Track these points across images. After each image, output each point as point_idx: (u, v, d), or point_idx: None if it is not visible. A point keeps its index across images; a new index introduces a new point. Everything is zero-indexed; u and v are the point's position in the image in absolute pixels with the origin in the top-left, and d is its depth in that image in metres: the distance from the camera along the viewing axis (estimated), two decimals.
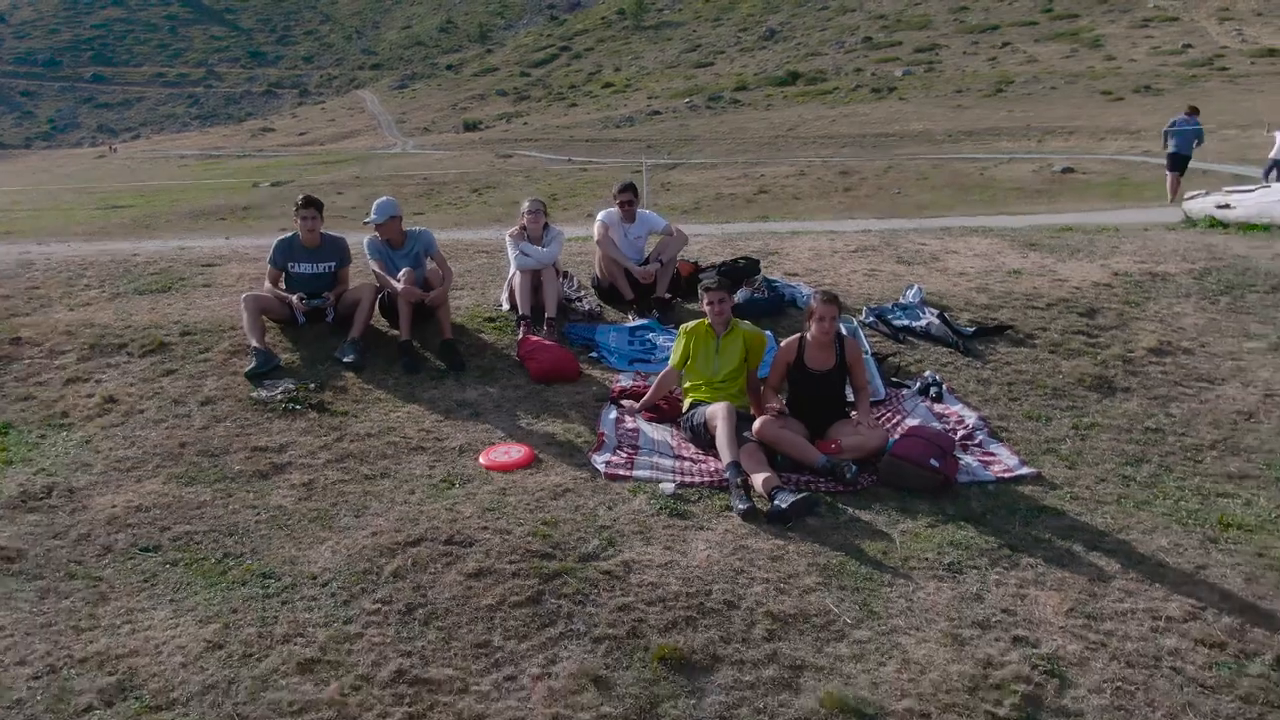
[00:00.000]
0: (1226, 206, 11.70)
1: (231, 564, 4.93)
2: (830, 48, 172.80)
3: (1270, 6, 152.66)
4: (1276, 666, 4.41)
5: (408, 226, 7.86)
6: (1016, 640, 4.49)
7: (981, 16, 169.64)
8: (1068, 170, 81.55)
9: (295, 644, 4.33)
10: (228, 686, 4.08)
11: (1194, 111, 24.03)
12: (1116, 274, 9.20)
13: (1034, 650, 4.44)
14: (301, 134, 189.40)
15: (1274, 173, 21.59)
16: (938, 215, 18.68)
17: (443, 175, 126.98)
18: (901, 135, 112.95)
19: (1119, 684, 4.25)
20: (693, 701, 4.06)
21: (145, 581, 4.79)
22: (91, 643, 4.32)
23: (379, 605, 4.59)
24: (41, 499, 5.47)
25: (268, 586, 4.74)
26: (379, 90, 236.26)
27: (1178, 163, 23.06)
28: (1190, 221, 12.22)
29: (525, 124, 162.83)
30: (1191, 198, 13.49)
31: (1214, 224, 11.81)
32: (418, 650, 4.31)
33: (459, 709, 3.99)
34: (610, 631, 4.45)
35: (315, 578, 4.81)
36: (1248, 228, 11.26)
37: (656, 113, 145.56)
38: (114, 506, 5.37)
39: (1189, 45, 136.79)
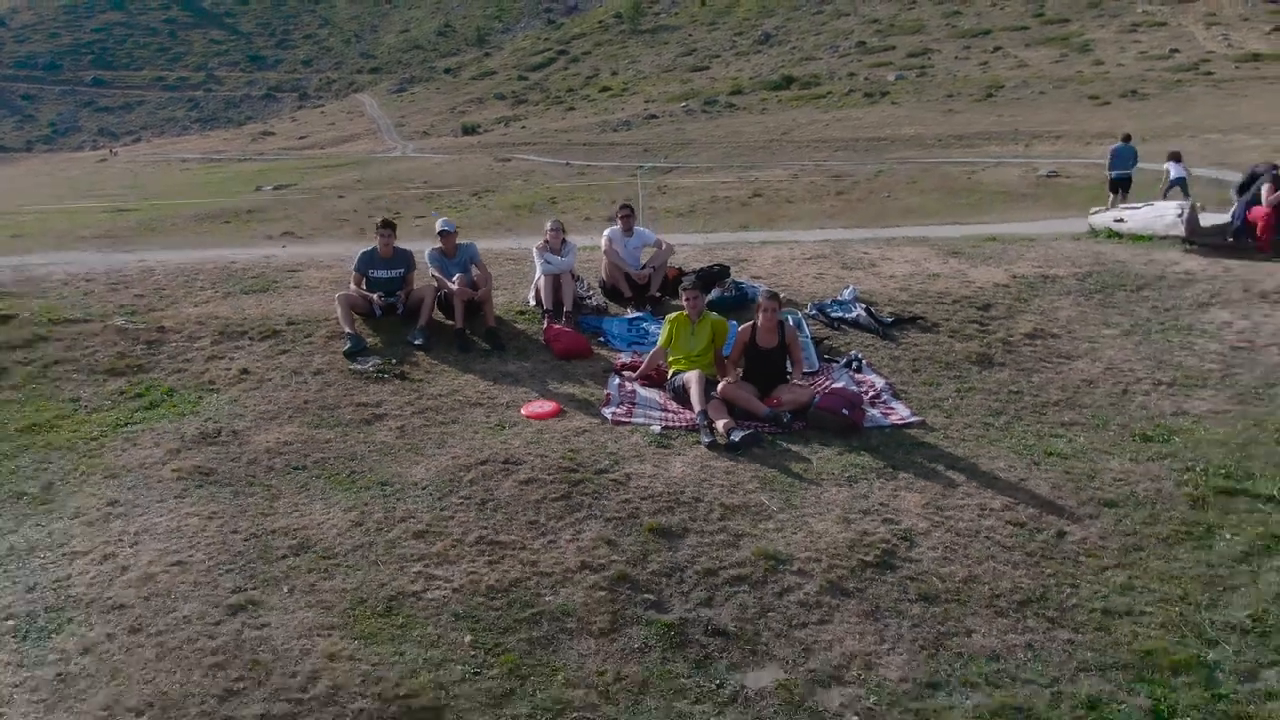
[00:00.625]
0: (1121, 220, 13.92)
1: (357, 477, 7.17)
2: (825, 52, 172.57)
3: (1256, 11, 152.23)
4: (1056, 536, 6.65)
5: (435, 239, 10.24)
6: (885, 521, 6.76)
7: (974, 21, 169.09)
8: (1053, 174, 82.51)
9: (409, 522, 6.57)
10: (369, 546, 6.33)
11: (1127, 139, 26.71)
12: (1015, 276, 11.43)
13: (896, 526, 6.70)
14: (301, 138, 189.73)
15: (1171, 190, 23.89)
16: (895, 225, 20.87)
17: (442, 179, 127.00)
18: (893, 139, 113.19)
19: (948, 545, 6.50)
20: (670, 554, 6.31)
21: (301, 488, 7.02)
22: (276, 522, 6.56)
23: (462, 500, 6.84)
24: (214, 437, 7.69)
25: (385, 490, 6.99)
26: (378, 94, 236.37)
27: (1120, 182, 25.47)
28: (1094, 232, 14.46)
29: (523, 128, 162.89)
30: (1095, 213, 15.77)
31: (1111, 235, 14.03)
32: (490, 525, 6.55)
33: (520, 558, 6.24)
34: (616, 514, 6.71)
35: (417, 484, 7.06)
36: (1135, 238, 13.48)
37: (653, 116, 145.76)
38: (268, 442, 7.61)
39: (1176, 50, 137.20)
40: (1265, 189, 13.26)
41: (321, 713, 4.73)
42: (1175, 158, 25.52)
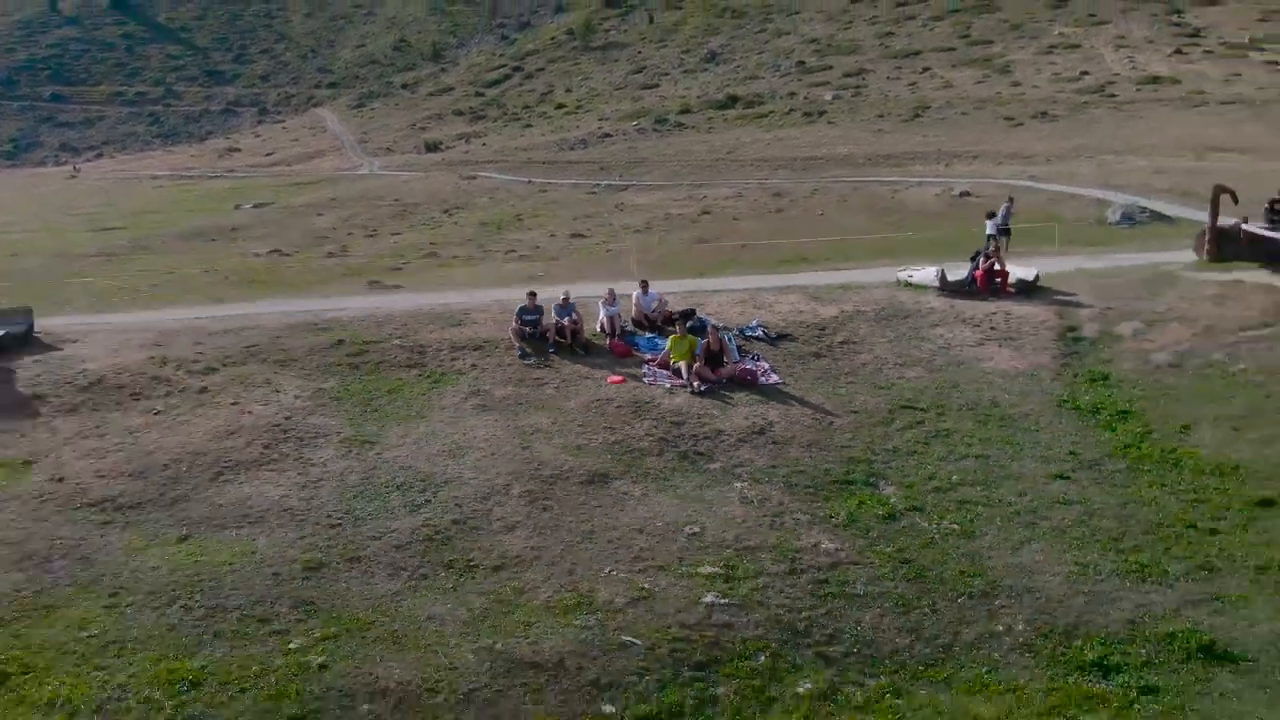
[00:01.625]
0: (910, 277, 23.72)
1: (543, 406, 16.89)
2: (767, 71, 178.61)
3: (1161, 34, 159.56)
4: (830, 425, 16.54)
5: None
6: (763, 418, 16.66)
7: (905, 42, 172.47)
8: (965, 194, 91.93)
9: (568, 422, 16.29)
10: (559, 431, 16.06)
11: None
12: (842, 311, 21.24)
13: (768, 420, 16.57)
14: (268, 154, 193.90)
15: (990, 240, 32.28)
16: (794, 272, 30.84)
17: (412, 197, 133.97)
18: (828, 158, 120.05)
19: (791, 424, 16.37)
20: (678, 429, 16.15)
21: (524, 411, 16.71)
22: (517, 423, 16.28)
23: (593, 415, 16.60)
24: (475, 394, 17.33)
25: (555, 412, 16.71)
26: (338, 109, 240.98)
27: (1001, 235, 33.33)
28: (899, 283, 24.30)
29: (484, 145, 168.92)
30: (902, 269, 25.43)
31: (905, 285, 23.86)
32: (605, 423, 16.33)
33: (621, 432, 16.03)
34: (655, 418, 16.60)
35: (570, 410, 16.81)
36: (916, 287, 23.30)
37: (607, 135, 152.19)
38: (499, 394, 17.27)
39: (1086, 72, 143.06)
40: (988, 251, 23.36)
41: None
42: (991, 215, 34.38)
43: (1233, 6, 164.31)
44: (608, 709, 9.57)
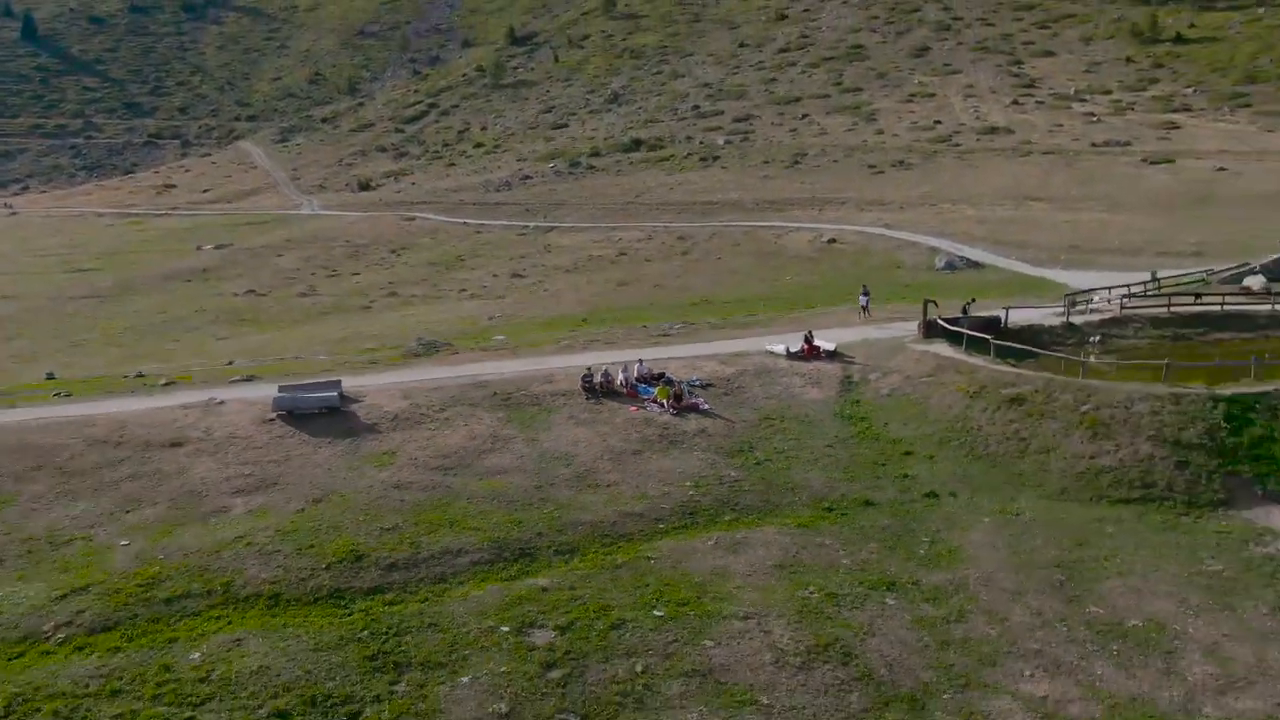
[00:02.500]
0: (771, 349, 42.88)
1: (587, 418, 36.06)
2: (665, 114, 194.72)
3: (1003, 84, 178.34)
4: (729, 426, 36.06)
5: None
6: (696, 427, 36.01)
7: (787, 88, 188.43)
8: (832, 241, 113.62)
9: (612, 438, 35.54)
10: (592, 422, 35.32)
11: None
12: (737, 370, 39.37)
13: (687, 428, 36.05)
14: (205, 190, 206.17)
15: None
16: (710, 342, 50.53)
17: (361, 238, 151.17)
18: (722, 203, 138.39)
19: (710, 428, 35.86)
20: (680, 427, 35.55)
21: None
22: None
23: (630, 427, 35.80)
24: (569, 418, 36.22)
25: (605, 419, 35.90)
26: (261, 143, 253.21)
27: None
28: (767, 353, 43.35)
29: (414, 184, 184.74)
30: (768, 345, 44.60)
31: (769, 354, 42.64)
32: (630, 438, 35.53)
33: (637, 435, 35.31)
34: (652, 426, 35.82)
35: (615, 424, 36.03)
36: (775, 355, 42.10)
37: (528, 177, 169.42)
38: (584, 418, 36.22)
39: (939, 121, 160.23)
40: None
41: None
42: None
43: (1064, 58, 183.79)
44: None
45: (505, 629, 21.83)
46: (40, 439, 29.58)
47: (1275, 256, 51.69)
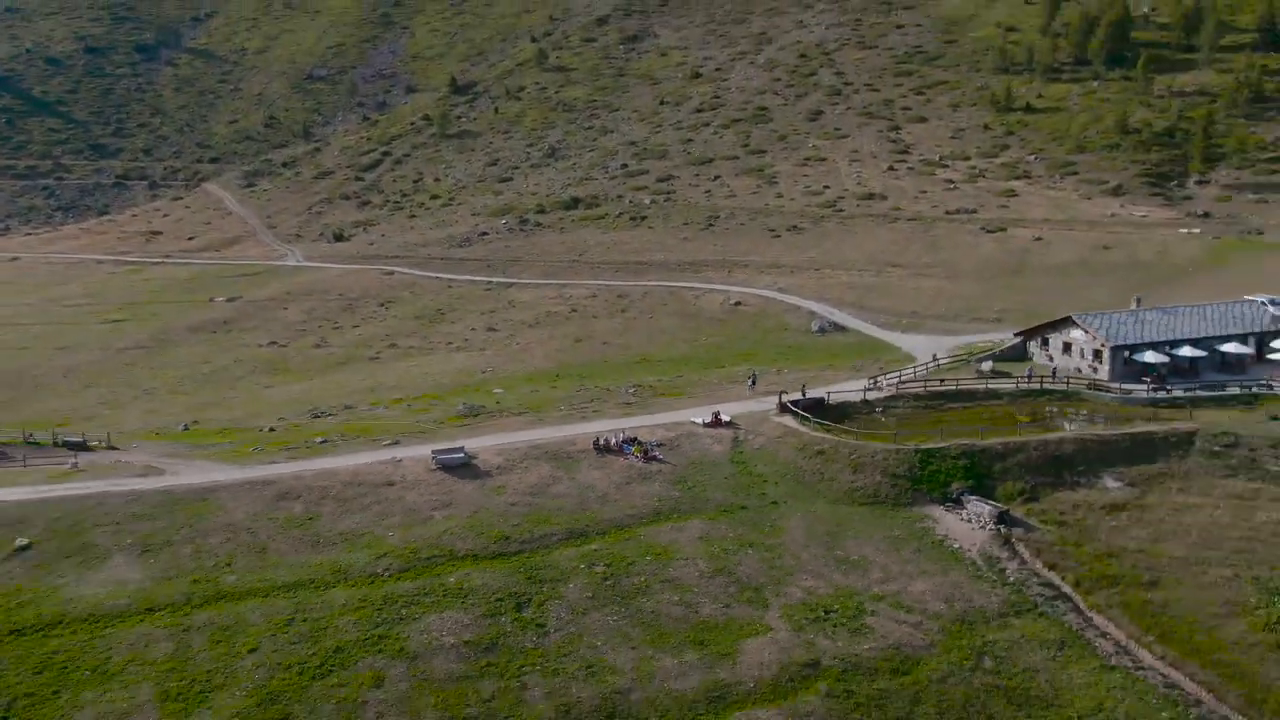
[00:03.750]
0: (693, 419, 73.35)
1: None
2: (598, 171, 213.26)
3: (882, 148, 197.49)
4: (681, 468, 67.20)
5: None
6: (658, 466, 67.15)
7: (701, 148, 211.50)
8: (738, 304, 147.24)
9: (614, 476, 66.35)
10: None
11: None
12: (674, 434, 69.39)
13: (659, 468, 67.27)
14: (190, 238, 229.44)
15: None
16: (656, 412, 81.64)
17: (350, 292, 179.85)
18: (650, 263, 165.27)
19: (658, 471, 67.03)
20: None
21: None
22: None
23: (623, 470, 66.66)
24: (589, 466, 66.75)
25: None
26: (228, 186, 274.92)
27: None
28: (691, 421, 74.02)
29: (384, 236, 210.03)
30: (691, 417, 75.15)
31: (692, 423, 73.42)
32: (625, 472, 66.49)
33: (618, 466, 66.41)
34: (634, 470, 66.81)
35: (616, 467, 66.91)
36: (695, 423, 72.67)
37: (485, 233, 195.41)
38: (597, 464, 66.83)
39: (827, 186, 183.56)
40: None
41: None
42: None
43: (934, 124, 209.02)
44: None
45: (581, 566, 52.13)
46: (316, 483, 59.15)
47: (1008, 345, 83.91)
